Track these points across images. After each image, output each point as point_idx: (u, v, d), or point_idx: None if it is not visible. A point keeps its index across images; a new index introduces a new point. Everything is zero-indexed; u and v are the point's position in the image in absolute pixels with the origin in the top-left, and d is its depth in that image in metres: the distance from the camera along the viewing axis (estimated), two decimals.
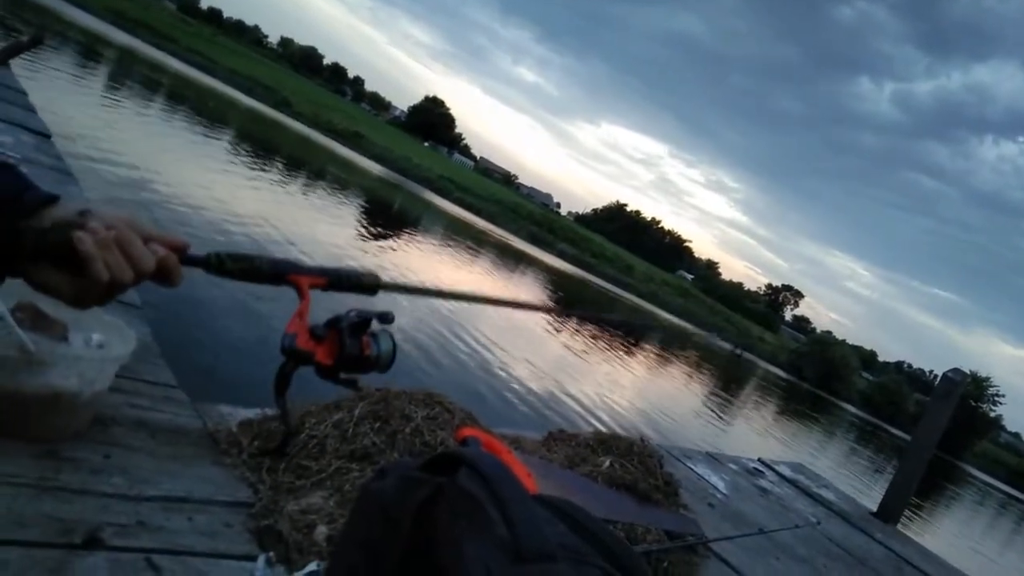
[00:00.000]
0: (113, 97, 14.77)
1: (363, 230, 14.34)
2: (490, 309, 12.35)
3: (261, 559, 1.27)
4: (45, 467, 1.31)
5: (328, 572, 0.82)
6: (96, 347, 1.51)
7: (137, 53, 29.54)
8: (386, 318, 0.90)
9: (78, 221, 0.74)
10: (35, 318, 1.41)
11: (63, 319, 1.51)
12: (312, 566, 1.30)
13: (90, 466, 1.37)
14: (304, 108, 51.35)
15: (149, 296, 2.90)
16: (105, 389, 1.49)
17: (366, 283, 0.91)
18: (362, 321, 0.89)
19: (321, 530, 1.44)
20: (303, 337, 0.85)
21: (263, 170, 15.97)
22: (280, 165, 18.72)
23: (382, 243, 13.70)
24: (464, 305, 10.86)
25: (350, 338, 0.89)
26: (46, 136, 3.71)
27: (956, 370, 5.04)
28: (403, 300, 9.24)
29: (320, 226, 12.10)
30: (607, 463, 2.54)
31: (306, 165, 22.62)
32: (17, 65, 5.70)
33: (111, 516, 1.15)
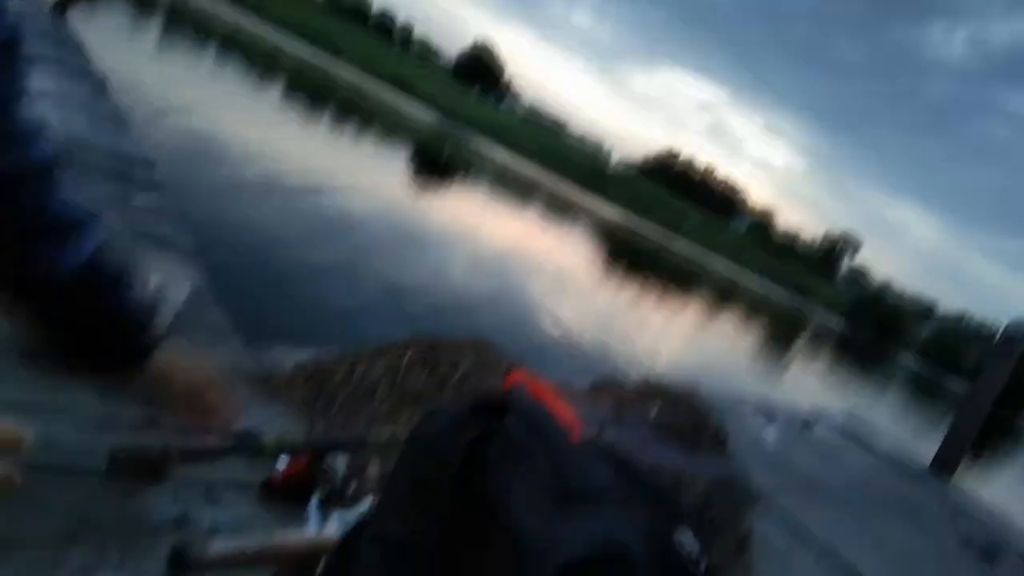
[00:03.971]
0: (165, 47, 14.92)
1: (412, 180, 14.37)
2: (538, 259, 12.33)
3: (316, 494, 1.30)
4: (108, 404, 1.35)
5: (378, 512, 0.84)
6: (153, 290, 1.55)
7: (186, 2, 29.71)
8: None
9: None
10: None
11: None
12: (366, 503, 1.33)
13: (152, 403, 1.42)
14: (353, 56, 51.24)
15: (206, 240, 2.96)
16: (163, 331, 1.53)
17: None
18: None
19: (374, 468, 1.47)
20: None
21: (314, 120, 16.05)
22: (330, 114, 18.78)
23: (431, 192, 13.73)
24: (512, 254, 10.85)
25: None
26: (102, 84, 3.78)
27: (1020, 322, 4.86)
28: (452, 248, 9.28)
29: (368, 175, 12.16)
30: (654, 411, 2.54)
31: (355, 114, 22.66)
32: (74, 16, 5.79)
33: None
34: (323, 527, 1.22)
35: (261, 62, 22.18)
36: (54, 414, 1.25)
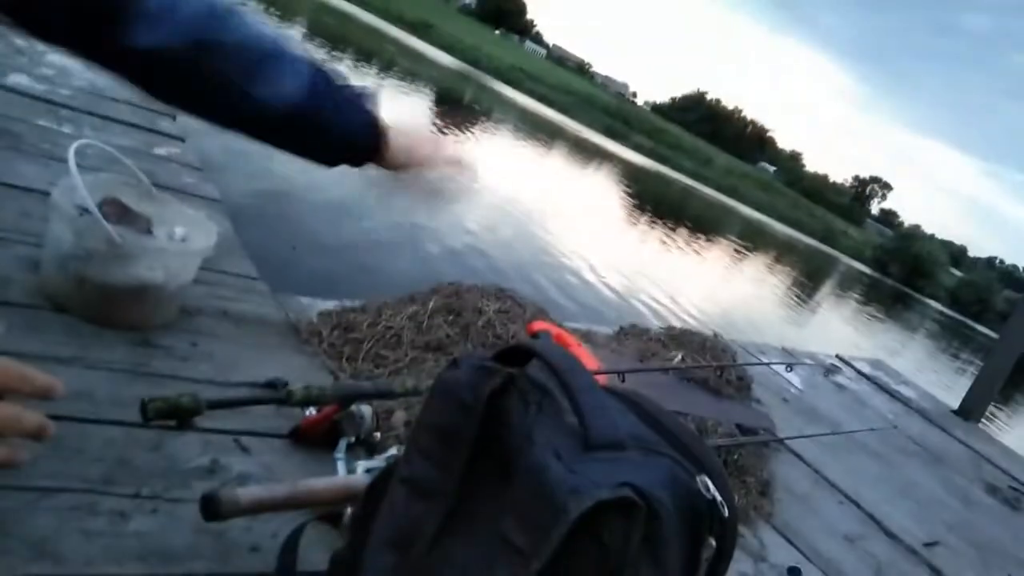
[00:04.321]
0: None
1: (431, 123, 14.23)
2: (564, 205, 12.24)
3: (342, 442, 1.32)
4: (138, 354, 1.38)
5: (405, 456, 0.85)
6: (180, 240, 1.56)
7: None
8: None
9: None
10: (120, 212, 1.45)
11: (147, 213, 1.55)
12: (392, 450, 1.35)
13: (179, 353, 1.44)
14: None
15: (230, 189, 2.97)
16: (189, 281, 1.54)
17: None
18: None
19: (399, 416, 1.49)
20: None
21: (335, 61, 15.88)
22: (350, 58, 18.58)
23: (449, 136, 13.60)
24: (535, 199, 10.79)
25: None
26: None
27: None
28: (474, 196, 9.23)
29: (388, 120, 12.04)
30: (678, 357, 2.54)
31: (376, 57, 22.39)
32: None
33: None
34: (350, 474, 1.24)
35: (281, 4, 21.89)
36: (87, 366, 1.28)
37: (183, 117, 3.10)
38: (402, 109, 14.42)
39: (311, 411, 1.35)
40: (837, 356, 4.81)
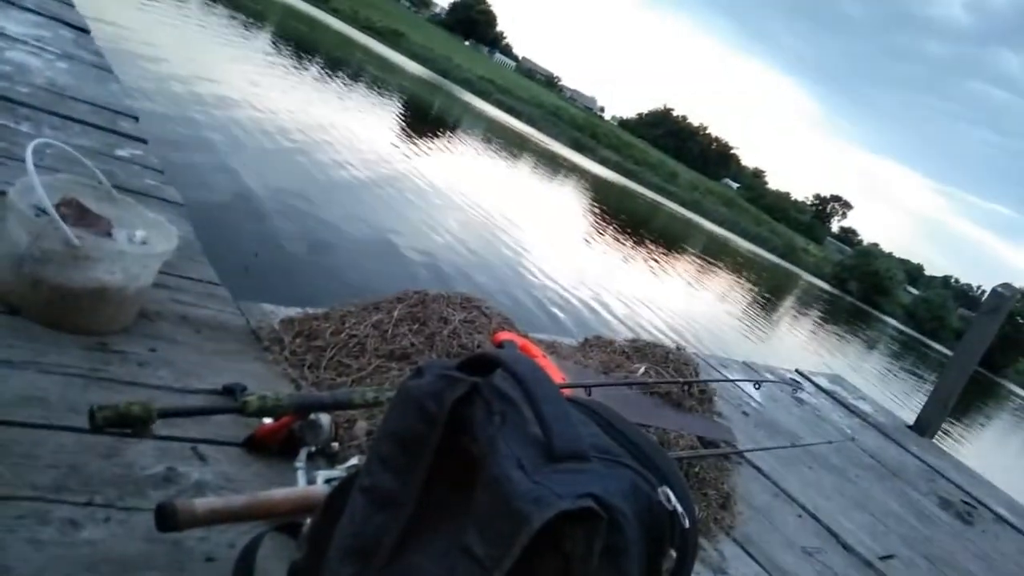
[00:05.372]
0: None
1: (400, 133, 14.21)
2: (530, 217, 12.28)
3: (302, 452, 1.31)
4: (95, 359, 1.35)
5: (366, 465, 0.84)
6: (140, 243, 1.53)
7: None
8: None
9: None
10: (78, 214, 1.42)
11: (107, 215, 1.52)
12: (353, 460, 1.34)
13: (137, 359, 1.41)
14: (343, 4, 50.20)
15: (192, 194, 2.92)
16: (149, 285, 1.51)
17: None
18: None
19: (361, 425, 1.48)
20: None
21: (302, 69, 15.79)
22: (319, 65, 18.48)
23: (418, 147, 13.59)
24: (505, 212, 10.80)
25: None
26: (84, 31, 3.69)
27: (1007, 285, 4.90)
28: (441, 204, 9.23)
29: (355, 128, 12.01)
30: (642, 370, 2.55)
31: (345, 65, 22.29)
32: None
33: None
34: (310, 484, 1.23)
35: (248, 9, 21.71)
36: (40, 371, 1.24)
37: (145, 119, 3.05)
38: (372, 117, 14.36)
39: (270, 419, 1.33)
40: (797, 371, 4.89)
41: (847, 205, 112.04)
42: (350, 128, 11.44)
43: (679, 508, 0.70)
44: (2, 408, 1.11)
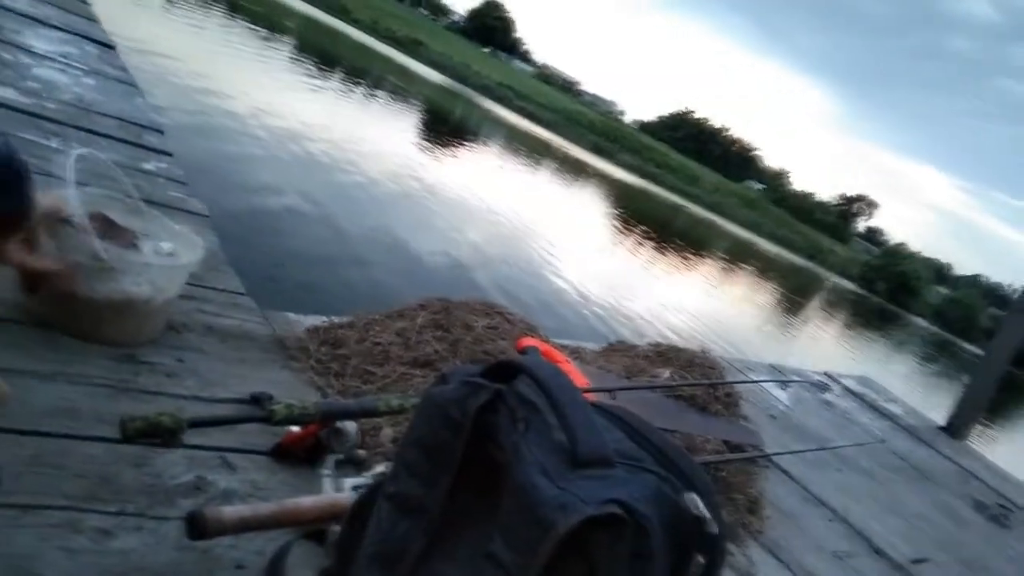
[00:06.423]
0: (170, 6, 14.77)
1: (420, 141, 14.28)
2: (552, 222, 12.27)
3: (329, 459, 1.31)
4: (123, 370, 1.37)
5: (392, 473, 0.84)
6: (166, 255, 1.55)
7: None
8: None
9: None
10: (106, 227, 1.45)
11: (133, 227, 1.54)
12: (379, 467, 1.34)
13: (165, 369, 1.43)
14: (362, 15, 50.60)
15: (216, 205, 2.96)
16: (176, 296, 1.53)
17: None
18: None
19: (387, 432, 1.48)
20: None
21: (324, 80, 15.94)
22: (340, 75, 18.63)
23: (438, 154, 13.64)
24: (526, 218, 10.81)
25: None
26: (109, 47, 3.75)
27: None
28: (463, 211, 9.25)
29: (377, 137, 12.09)
30: (666, 374, 2.54)
31: (366, 74, 22.46)
32: None
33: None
34: (336, 491, 1.24)
35: (268, 21, 21.95)
36: (69, 382, 1.26)
37: (169, 132, 3.09)
38: (393, 126, 14.45)
39: (296, 427, 1.34)
40: (825, 373, 4.83)
41: (872, 204, 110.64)
42: (372, 137, 11.52)
43: (706, 514, 0.69)
44: (33, 418, 1.12)
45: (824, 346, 14.56)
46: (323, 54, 21.55)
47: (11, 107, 2.43)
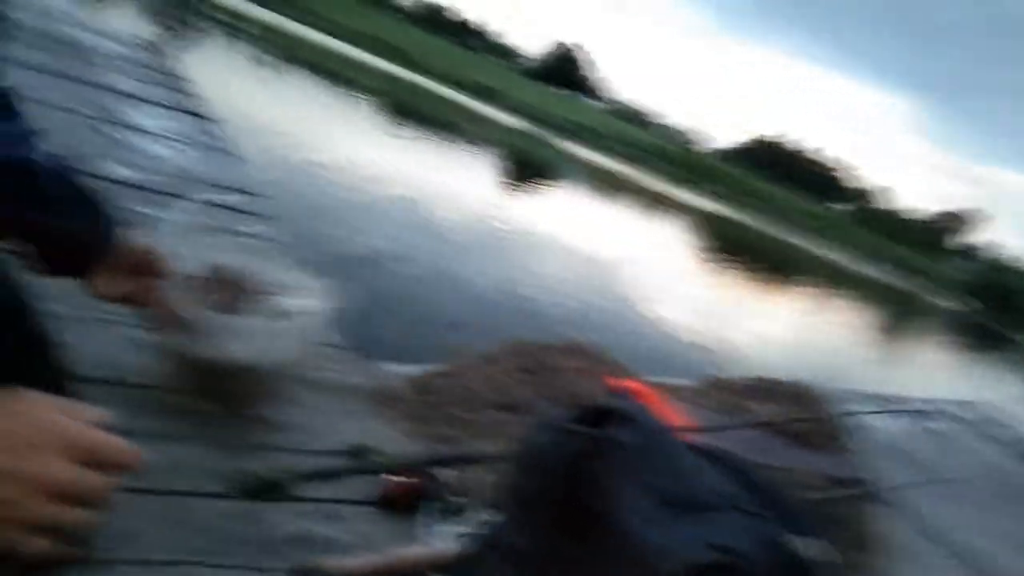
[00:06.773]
0: (256, 72, 15.58)
1: (505, 186, 14.50)
2: (635, 257, 12.21)
3: (431, 508, 1.34)
4: (233, 426, 1.43)
5: (491, 521, 0.86)
6: (283, 318, 1.59)
7: (250, 17, 30.49)
8: None
9: None
10: (218, 288, 1.52)
11: (245, 290, 1.62)
12: (480, 515, 1.36)
13: (271, 423, 1.50)
14: (435, 66, 52.09)
15: (315, 259, 3.08)
16: (287, 357, 1.59)
17: None
18: None
19: (483, 479, 1.50)
20: None
21: (404, 132, 16.44)
22: (418, 126, 19.18)
23: (524, 198, 13.81)
24: (609, 254, 10.79)
25: None
26: (211, 120, 3.99)
27: None
28: (548, 251, 9.30)
29: (457, 183, 12.35)
30: (765, 409, 2.48)
31: (443, 123, 23.05)
32: (172, 50, 6.14)
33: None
34: (438, 540, 1.26)
35: (348, 82, 22.87)
36: (182, 440, 1.33)
37: (271, 194, 3.24)
38: (476, 173, 14.75)
39: (397, 478, 1.37)
40: (933, 399, 4.59)
41: (975, 218, 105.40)
42: (453, 183, 11.78)
43: (816, 556, 0.68)
44: (152, 477, 1.19)
45: (930, 370, 13.83)
46: (401, 107, 22.25)
47: (122, 182, 2.62)
